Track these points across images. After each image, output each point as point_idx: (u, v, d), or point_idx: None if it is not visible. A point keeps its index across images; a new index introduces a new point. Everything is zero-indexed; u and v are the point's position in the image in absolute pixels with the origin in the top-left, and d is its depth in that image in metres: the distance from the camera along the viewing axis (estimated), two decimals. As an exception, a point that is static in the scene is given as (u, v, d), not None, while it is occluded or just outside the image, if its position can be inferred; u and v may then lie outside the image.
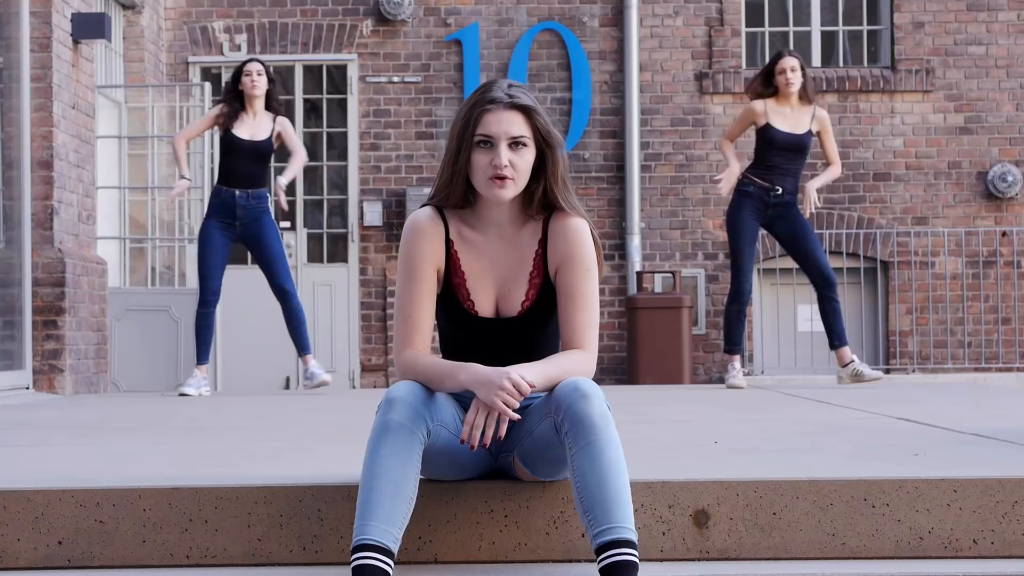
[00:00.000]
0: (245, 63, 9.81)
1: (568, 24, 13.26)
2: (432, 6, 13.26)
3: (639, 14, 13.20)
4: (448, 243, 3.61)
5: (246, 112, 9.69)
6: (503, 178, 3.51)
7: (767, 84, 9.60)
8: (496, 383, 3.38)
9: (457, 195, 3.58)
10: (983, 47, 13.30)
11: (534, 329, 3.60)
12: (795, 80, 9.51)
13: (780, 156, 9.52)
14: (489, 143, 3.52)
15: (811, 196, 9.61)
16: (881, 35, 13.49)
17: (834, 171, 9.86)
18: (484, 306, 3.62)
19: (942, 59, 13.28)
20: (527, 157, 3.54)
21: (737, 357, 9.73)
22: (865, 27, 13.50)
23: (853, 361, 9.66)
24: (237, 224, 9.60)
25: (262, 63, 9.82)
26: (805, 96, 9.58)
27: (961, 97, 13.29)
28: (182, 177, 9.87)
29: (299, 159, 9.92)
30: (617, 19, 13.24)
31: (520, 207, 3.62)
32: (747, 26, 13.45)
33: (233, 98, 9.71)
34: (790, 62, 9.54)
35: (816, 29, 13.38)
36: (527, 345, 3.59)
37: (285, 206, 9.90)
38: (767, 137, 9.52)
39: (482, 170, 3.52)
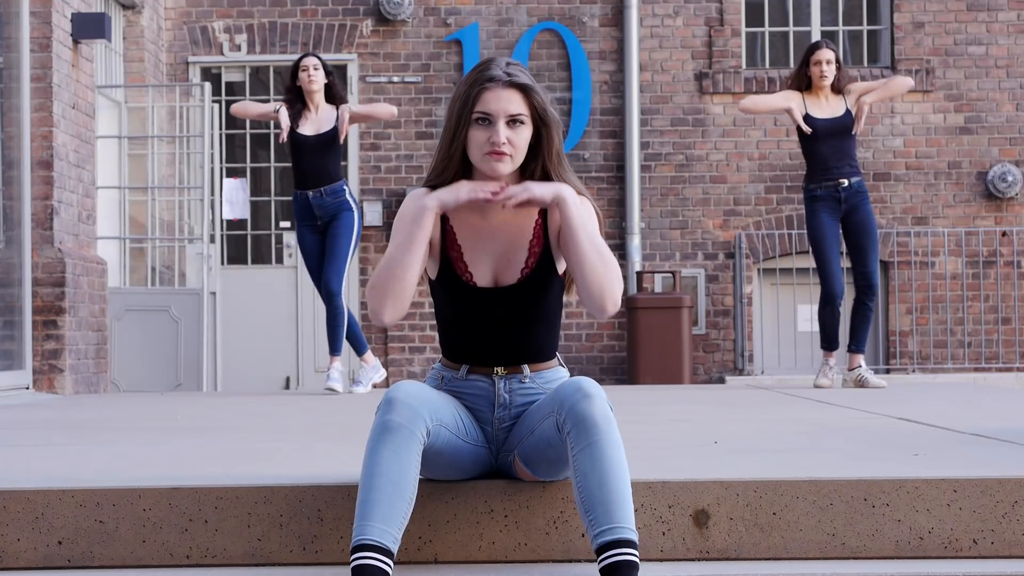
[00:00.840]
0: (300, 59, 9.62)
1: (568, 24, 13.26)
2: (432, 6, 13.26)
3: (639, 14, 13.19)
4: (443, 219, 3.63)
5: (308, 109, 9.55)
6: (500, 153, 3.54)
7: (800, 76, 9.54)
8: (462, 184, 3.54)
9: (454, 171, 3.61)
10: (983, 47, 13.29)
11: (534, 298, 3.59)
12: (829, 73, 9.45)
13: (828, 145, 9.42)
14: (487, 120, 3.56)
15: (864, 109, 9.50)
16: (881, 35, 13.49)
17: (896, 83, 9.74)
18: (482, 277, 3.62)
19: (942, 59, 13.28)
20: (524, 134, 3.58)
21: (833, 355, 9.67)
22: (865, 27, 13.50)
23: (860, 367, 9.63)
24: (319, 223, 9.53)
25: (317, 57, 9.66)
26: (836, 87, 9.53)
27: (961, 97, 13.29)
28: (275, 112, 9.51)
29: (382, 107, 9.66)
30: (617, 19, 13.24)
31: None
32: (747, 26, 13.45)
33: (295, 98, 9.55)
34: (826, 54, 9.48)
35: (816, 29, 13.38)
36: (526, 315, 3.60)
37: (344, 129, 9.47)
38: (809, 127, 9.43)
39: (480, 146, 3.56)
